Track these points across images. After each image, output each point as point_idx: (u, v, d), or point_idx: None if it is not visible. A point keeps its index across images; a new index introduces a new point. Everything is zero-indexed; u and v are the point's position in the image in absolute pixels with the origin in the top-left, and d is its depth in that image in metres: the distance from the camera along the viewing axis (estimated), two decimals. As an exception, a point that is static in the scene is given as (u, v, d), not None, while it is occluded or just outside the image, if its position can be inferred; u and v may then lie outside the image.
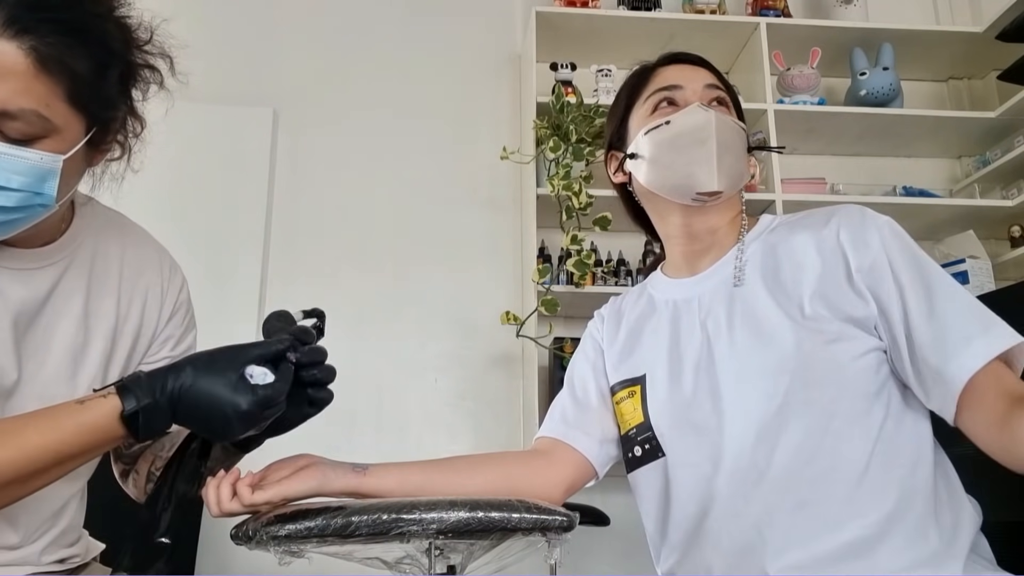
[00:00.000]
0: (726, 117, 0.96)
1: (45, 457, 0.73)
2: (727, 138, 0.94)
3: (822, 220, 0.91)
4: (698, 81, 0.99)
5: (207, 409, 0.74)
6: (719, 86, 1.00)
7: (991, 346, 0.76)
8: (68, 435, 0.74)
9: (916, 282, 0.82)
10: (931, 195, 2.50)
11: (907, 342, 0.81)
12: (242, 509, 0.78)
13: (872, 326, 0.84)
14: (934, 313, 0.80)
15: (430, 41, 2.69)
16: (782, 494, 0.80)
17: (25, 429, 0.74)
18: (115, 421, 0.74)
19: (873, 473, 0.79)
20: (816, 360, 0.82)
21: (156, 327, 0.99)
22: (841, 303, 0.84)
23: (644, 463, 0.94)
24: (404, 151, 2.57)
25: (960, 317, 0.79)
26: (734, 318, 0.90)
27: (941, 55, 2.66)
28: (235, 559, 1.93)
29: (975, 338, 0.77)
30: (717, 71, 1.03)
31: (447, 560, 0.84)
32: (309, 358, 0.80)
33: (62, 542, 0.94)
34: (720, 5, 2.59)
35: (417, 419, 2.35)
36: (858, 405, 0.81)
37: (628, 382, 0.98)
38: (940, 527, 0.77)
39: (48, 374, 0.86)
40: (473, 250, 2.51)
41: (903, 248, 0.85)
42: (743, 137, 0.98)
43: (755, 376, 0.85)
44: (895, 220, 0.88)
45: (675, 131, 0.95)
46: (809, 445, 0.81)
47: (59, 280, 0.88)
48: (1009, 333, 0.77)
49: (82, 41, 0.73)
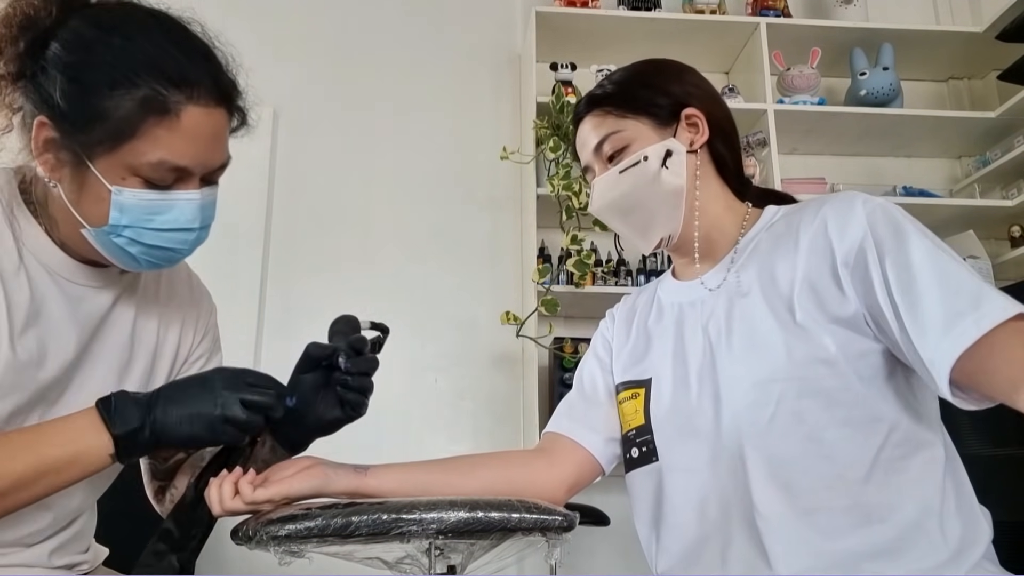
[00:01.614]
0: (610, 186, 0.95)
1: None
2: (624, 206, 0.96)
3: (814, 211, 0.88)
4: (589, 151, 0.99)
5: (184, 406, 0.80)
6: (600, 138, 0.96)
7: (980, 323, 0.69)
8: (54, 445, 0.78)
9: (900, 266, 0.76)
10: (931, 195, 2.50)
11: (900, 332, 0.75)
12: (244, 507, 0.78)
13: (862, 324, 0.80)
14: (919, 296, 0.74)
15: (430, 41, 2.68)
16: (780, 504, 0.79)
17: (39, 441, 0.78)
18: (94, 415, 0.79)
19: (874, 482, 0.77)
20: (808, 368, 0.81)
21: (190, 347, 1.04)
22: (828, 302, 0.82)
23: (639, 465, 0.94)
24: (404, 151, 2.57)
25: (948, 296, 0.72)
26: (732, 323, 0.89)
27: (941, 55, 2.66)
28: (235, 559, 1.93)
29: (964, 315, 0.70)
30: (606, 98, 0.97)
31: (447, 560, 0.84)
32: (357, 368, 0.87)
33: (72, 548, 0.95)
34: (720, 5, 2.59)
35: (417, 419, 2.34)
36: (855, 412, 0.79)
37: (633, 384, 0.98)
38: (946, 539, 0.76)
39: (93, 388, 0.89)
40: (473, 250, 2.51)
41: (890, 229, 0.79)
42: (640, 174, 0.93)
43: (748, 384, 0.84)
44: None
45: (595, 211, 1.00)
46: (804, 455, 0.80)
47: (117, 300, 0.93)
48: (1001, 306, 0.70)
49: (240, 106, 0.88)
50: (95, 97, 0.76)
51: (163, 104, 0.77)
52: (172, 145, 0.79)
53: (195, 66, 0.80)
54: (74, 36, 0.78)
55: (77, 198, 0.81)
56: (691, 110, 0.96)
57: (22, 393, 0.82)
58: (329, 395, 0.89)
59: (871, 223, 0.81)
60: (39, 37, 0.78)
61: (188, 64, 0.79)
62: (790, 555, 0.78)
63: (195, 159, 0.81)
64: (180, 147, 0.79)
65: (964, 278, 0.74)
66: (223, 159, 0.86)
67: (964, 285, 0.73)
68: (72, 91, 0.76)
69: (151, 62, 0.77)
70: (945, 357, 0.70)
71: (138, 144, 0.77)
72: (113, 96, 0.76)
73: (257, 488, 0.78)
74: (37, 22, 0.78)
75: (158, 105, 0.77)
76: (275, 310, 2.38)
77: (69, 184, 0.80)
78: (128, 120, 0.76)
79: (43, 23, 0.78)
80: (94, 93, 0.76)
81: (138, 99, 0.76)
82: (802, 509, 0.79)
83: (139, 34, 0.79)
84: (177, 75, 0.78)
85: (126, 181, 0.79)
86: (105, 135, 0.77)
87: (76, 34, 0.78)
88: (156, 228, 0.81)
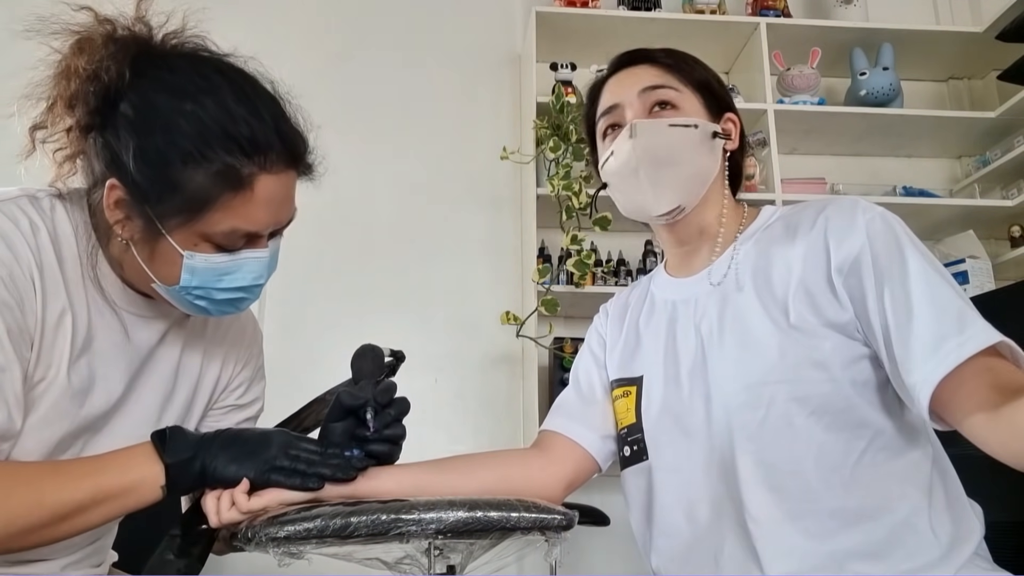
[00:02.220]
0: (655, 130, 0.92)
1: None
2: (659, 156, 0.92)
3: (813, 214, 0.88)
4: (633, 90, 0.96)
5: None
6: (658, 84, 0.95)
7: (962, 348, 0.70)
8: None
9: (895, 281, 0.77)
10: (931, 195, 2.50)
11: (886, 347, 0.76)
12: (241, 517, 0.78)
13: (854, 330, 0.80)
14: (911, 319, 0.74)
15: (430, 41, 2.68)
16: (769, 505, 0.79)
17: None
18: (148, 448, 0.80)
19: (862, 484, 0.77)
20: (800, 370, 0.80)
21: (230, 376, 1.05)
22: (823, 307, 0.82)
23: (631, 464, 0.94)
24: (404, 151, 2.57)
25: (934, 319, 0.73)
26: (724, 322, 0.89)
27: (941, 55, 2.66)
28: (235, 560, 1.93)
29: (948, 339, 0.71)
30: (668, 56, 0.99)
31: (447, 560, 0.84)
32: (384, 423, 0.85)
33: (86, 563, 0.95)
34: (720, 5, 2.59)
35: (417, 419, 2.33)
36: (846, 416, 0.79)
37: (625, 381, 0.98)
38: (937, 536, 0.76)
39: (137, 418, 0.90)
40: (473, 250, 2.51)
41: (889, 242, 0.79)
42: (688, 137, 0.93)
43: (740, 384, 0.84)
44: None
45: (616, 163, 0.95)
46: (794, 458, 0.80)
47: (166, 332, 0.94)
48: (983, 334, 0.70)
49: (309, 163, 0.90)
50: (168, 170, 0.76)
51: (237, 176, 0.77)
52: (246, 214, 0.79)
53: (267, 131, 0.79)
54: (144, 102, 0.77)
55: (148, 257, 0.81)
56: (732, 115, 0.99)
57: (71, 420, 0.83)
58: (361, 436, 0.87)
59: (870, 234, 0.81)
60: (111, 96, 0.77)
61: (260, 129, 0.79)
62: (781, 557, 0.78)
63: (266, 224, 0.82)
64: (253, 216, 0.80)
65: (951, 299, 0.75)
66: (291, 216, 0.88)
67: (950, 306, 0.74)
68: (144, 161, 0.76)
69: (224, 131, 0.77)
70: (927, 383, 0.71)
71: (212, 215, 0.78)
72: (186, 170, 0.76)
73: (253, 496, 0.79)
74: (109, 81, 0.77)
75: (232, 178, 0.77)
76: (275, 310, 2.37)
77: (140, 243, 0.81)
78: (202, 194, 0.76)
79: (115, 83, 0.77)
80: (167, 166, 0.76)
81: (212, 173, 0.76)
82: (792, 512, 0.78)
83: (210, 97, 0.78)
84: (250, 144, 0.78)
85: (198, 247, 0.80)
86: (179, 207, 0.77)
87: (146, 100, 0.77)
88: (225, 287, 0.83)
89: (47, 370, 0.80)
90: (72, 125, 0.79)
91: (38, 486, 0.75)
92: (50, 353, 0.80)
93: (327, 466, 0.81)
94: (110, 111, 0.78)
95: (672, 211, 0.94)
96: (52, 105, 0.80)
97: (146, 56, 0.79)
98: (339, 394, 0.84)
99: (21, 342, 0.77)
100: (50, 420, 0.81)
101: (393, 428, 0.86)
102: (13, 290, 0.76)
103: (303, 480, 0.80)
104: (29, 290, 0.78)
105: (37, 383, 0.80)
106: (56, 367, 0.81)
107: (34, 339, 0.79)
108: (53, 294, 0.80)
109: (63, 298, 0.81)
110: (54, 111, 0.80)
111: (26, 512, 0.73)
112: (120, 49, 0.78)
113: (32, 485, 0.75)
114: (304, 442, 0.83)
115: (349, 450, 0.83)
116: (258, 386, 1.09)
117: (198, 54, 0.83)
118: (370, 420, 0.83)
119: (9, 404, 0.76)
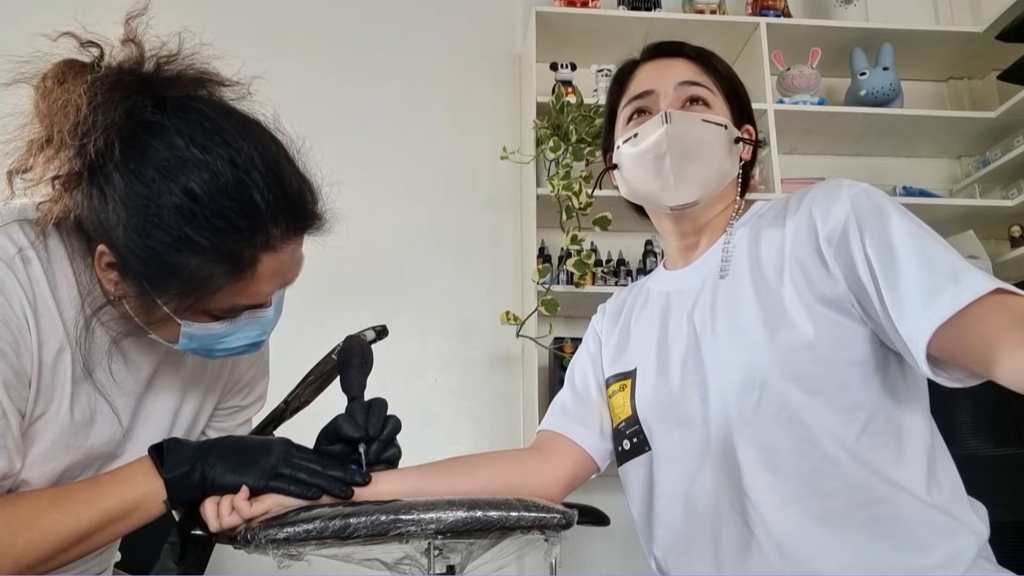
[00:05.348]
0: (689, 123, 0.93)
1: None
2: (689, 148, 0.92)
3: (800, 195, 0.90)
4: (670, 81, 0.97)
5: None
6: (695, 81, 0.97)
7: (958, 298, 0.68)
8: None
9: (881, 244, 0.77)
10: (931, 195, 2.50)
11: (880, 308, 0.75)
12: (241, 522, 0.78)
13: (848, 305, 0.80)
14: (898, 272, 0.74)
15: (430, 41, 2.68)
16: (771, 491, 0.80)
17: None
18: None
19: (860, 466, 0.77)
20: (791, 352, 0.81)
21: (239, 375, 1.04)
22: (815, 281, 0.82)
23: (632, 457, 0.94)
24: (404, 151, 2.57)
25: (927, 273, 0.72)
26: (717, 310, 0.89)
27: (941, 55, 2.66)
28: (234, 562, 1.93)
29: (943, 290, 0.70)
30: (702, 56, 1.01)
31: (446, 560, 0.84)
32: (377, 456, 0.85)
33: (91, 571, 0.95)
34: (720, 5, 2.60)
35: (417, 419, 2.34)
36: (843, 396, 0.79)
37: (620, 376, 0.99)
38: (938, 514, 0.76)
39: (145, 439, 0.88)
40: (473, 250, 2.51)
41: (873, 210, 0.80)
42: (718, 135, 0.94)
43: (734, 371, 0.84)
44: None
45: (641, 146, 0.95)
46: (791, 440, 0.80)
47: (162, 360, 0.90)
48: (980, 280, 0.69)
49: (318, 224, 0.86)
50: (161, 257, 0.70)
51: (237, 260, 0.71)
52: (248, 293, 0.75)
53: (268, 206, 0.72)
54: (134, 174, 0.69)
55: (144, 318, 0.77)
56: (751, 128, 1.02)
57: (76, 453, 0.81)
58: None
59: (855, 205, 0.82)
60: (96, 161, 0.69)
61: (261, 205, 0.71)
62: (782, 541, 0.78)
63: (270, 294, 0.79)
64: (255, 292, 0.76)
65: (944, 256, 0.74)
66: (296, 275, 0.82)
67: (944, 262, 0.73)
68: (135, 242, 0.70)
69: (219, 213, 0.69)
70: (922, 331, 0.70)
71: (211, 297, 0.73)
72: (180, 256, 0.70)
73: (254, 502, 0.79)
74: (95, 150, 0.69)
75: (232, 263, 0.71)
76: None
77: (135, 305, 0.76)
78: (199, 278, 0.71)
79: (100, 152, 0.69)
80: (159, 253, 0.70)
81: (208, 260, 0.70)
82: (792, 494, 0.79)
83: (205, 172, 0.69)
84: (249, 227, 0.71)
85: (196, 317, 0.76)
86: (174, 292, 0.72)
87: (137, 172, 0.69)
88: (226, 348, 0.81)
89: (47, 405, 0.77)
90: (54, 176, 0.72)
91: (41, 523, 0.73)
92: (50, 389, 0.77)
93: (326, 478, 0.81)
94: (95, 173, 0.71)
95: (688, 204, 0.95)
96: (33, 152, 0.73)
97: (138, 115, 0.71)
98: (341, 425, 0.85)
99: (18, 385, 0.73)
100: (52, 455, 0.79)
101: (388, 452, 0.87)
102: (7, 334, 0.71)
103: (303, 489, 0.79)
104: (24, 331, 0.73)
105: (37, 419, 0.77)
106: (57, 402, 0.78)
107: (31, 377, 0.75)
108: (49, 330, 0.75)
109: (60, 333, 0.76)
110: (36, 158, 0.73)
111: (32, 551, 0.72)
112: (106, 100, 0.69)
113: (35, 524, 0.73)
114: (304, 452, 0.83)
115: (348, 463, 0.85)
116: (262, 383, 1.08)
117: (194, 104, 0.74)
118: (362, 456, 0.84)
119: (9, 449, 0.74)
